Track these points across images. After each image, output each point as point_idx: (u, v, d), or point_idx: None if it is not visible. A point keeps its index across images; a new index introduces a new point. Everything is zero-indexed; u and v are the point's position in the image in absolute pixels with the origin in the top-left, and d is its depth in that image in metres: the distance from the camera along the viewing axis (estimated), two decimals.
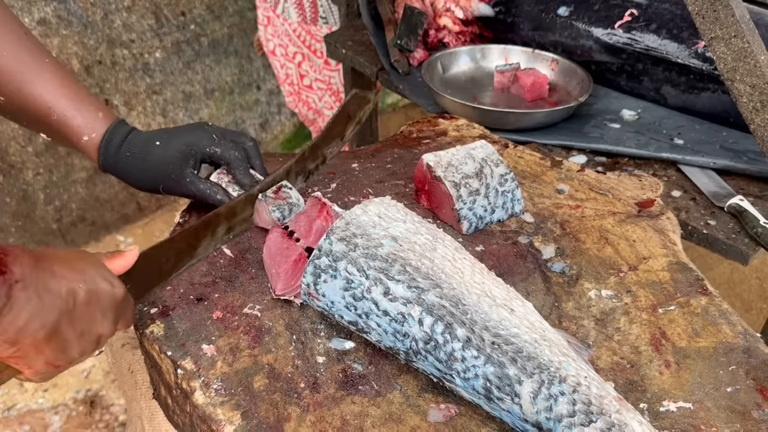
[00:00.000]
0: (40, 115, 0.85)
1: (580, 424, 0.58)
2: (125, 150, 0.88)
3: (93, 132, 0.87)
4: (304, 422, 0.65)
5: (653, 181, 1.01)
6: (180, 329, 0.75)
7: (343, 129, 0.99)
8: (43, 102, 0.84)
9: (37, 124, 0.87)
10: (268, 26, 2.11)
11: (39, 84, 0.84)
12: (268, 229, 0.87)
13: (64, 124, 0.86)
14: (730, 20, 0.97)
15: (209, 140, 0.89)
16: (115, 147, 0.87)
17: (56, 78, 0.85)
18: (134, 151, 0.87)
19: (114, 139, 0.87)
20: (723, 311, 0.77)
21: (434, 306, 0.66)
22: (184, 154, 0.87)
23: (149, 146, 0.87)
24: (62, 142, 0.89)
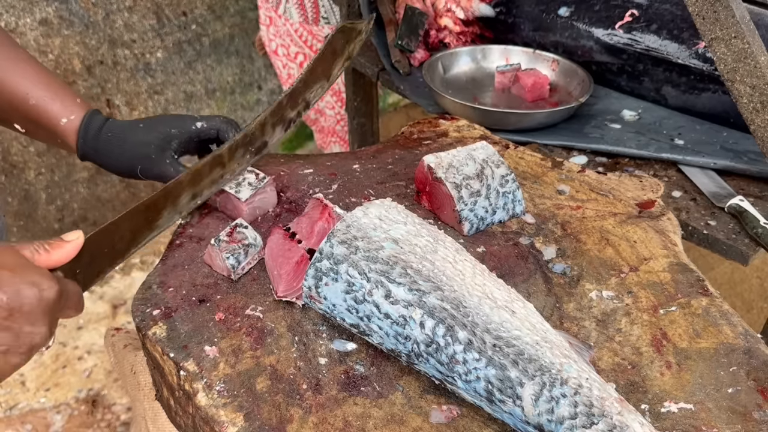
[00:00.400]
0: (17, 101, 0.85)
1: (582, 426, 0.58)
2: (106, 131, 0.87)
3: (72, 114, 0.87)
4: (306, 423, 0.65)
5: (654, 182, 1.01)
6: (182, 331, 0.75)
7: (328, 68, 0.93)
8: (21, 88, 0.84)
9: (15, 112, 0.86)
10: (270, 26, 2.12)
11: (16, 72, 0.84)
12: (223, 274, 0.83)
13: (43, 109, 0.85)
14: (731, 21, 0.97)
15: (192, 119, 0.88)
16: (95, 129, 0.87)
17: (32, 67, 0.86)
18: (115, 132, 0.87)
19: (94, 121, 0.87)
20: (724, 312, 0.78)
21: (435, 308, 0.66)
22: (166, 136, 0.86)
23: (132, 127, 0.87)
24: (39, 131, 0.89)
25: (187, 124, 0.88)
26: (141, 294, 0.80)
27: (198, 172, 0.79)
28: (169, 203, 0.76)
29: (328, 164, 1.04)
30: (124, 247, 0.73)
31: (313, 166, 1.04)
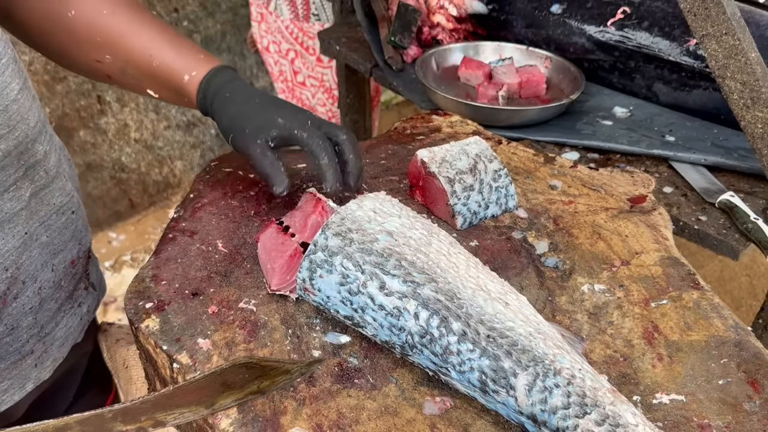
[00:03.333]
0: (143, 65, 0.87)
1: (575, 416, 0.58)
2: (225, 90, 0.87)
3: (194, 71, 0.88)
4: (300, 415, 0.66)
5: (645, 177, 1.02)
6: (175, 324, 0.75)
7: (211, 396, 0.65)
8: (144, 50, 0.87)
9: (143, 76, 0.89)
10: (262, 23, 2.11)
11: (139, 36, 0.87)
12: None
13: (166, 68, 0.87)
14: (722, 18, 0.98)
15: (300, 123, 0.83)
16: (217, 86, 0.87)
17: (154, 28, 0.88)
18: (234, 95, 0.87)
19: (217, 78, 0.87)
20: (714, 305, 0.78)
21: (430, 300, 0.66)
22: (270, 121, 0.84)
23: (250, 97, 0.86)
24: (168, 90, 0.90)
25: (292, 125, 0.83)
26: (134, 287, 0.80)
27: None
28: None
29: None
30: None
31: (306, 160, 1.04)
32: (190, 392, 0.63)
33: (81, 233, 0.94)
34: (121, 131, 2.57)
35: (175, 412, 0.63)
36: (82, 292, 0.96)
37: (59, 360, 0.92)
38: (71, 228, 0.90)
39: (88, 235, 0.98)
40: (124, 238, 2.66)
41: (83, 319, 0.95)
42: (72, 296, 0.93)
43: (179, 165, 2.81)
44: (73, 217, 0.91)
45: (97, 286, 1.01)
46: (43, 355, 0.89)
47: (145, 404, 0.60)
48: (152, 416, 0.61)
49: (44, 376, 0.90)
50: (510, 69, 1.38)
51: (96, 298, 1.01)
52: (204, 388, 0.64)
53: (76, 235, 0.92)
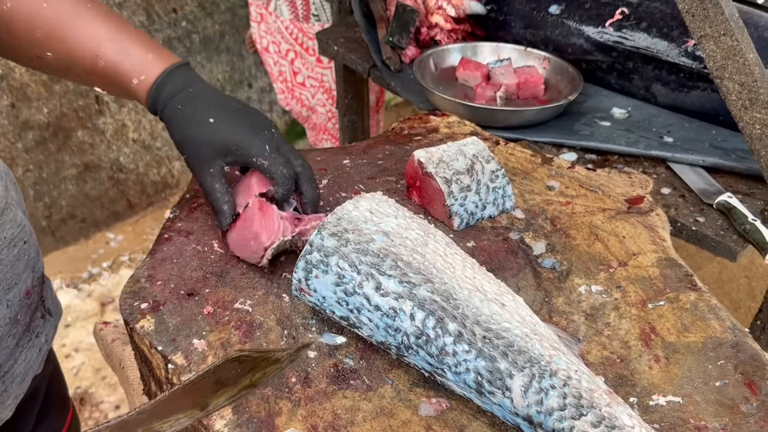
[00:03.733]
0: (87, 65, 0.81)
1: (571, 418, 0.58)
2: (177, 101, 0.81)
3: (142, 74, 0.81)
4: (295, 416, 0.65)
5: (643, 178, 1.01)
6: (171, 324, 0.75)
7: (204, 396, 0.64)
8: (89, 50, 0.80)
9: (89, 75, 0.83)
10: (261, 23, 2.11)
11: (82, 32, 0.80)
12: None
13: (113, 70, 0.81)
14: (720, 18, 0.98)
15: (259, 150, 0.81)
16: (167, 94, 0.81)
17: (99, 23, 0.81)
18: (186, 109, 0.81)
19: (167, 85, 0.81)
20: (712, 306, 0.78)
21: (426, 301, 0.66)
22: (225, 149, 0.80)
23: (203, 115, 0.81)
24: (118, 92, 0.85)
25: (252, 153, 0.80)
26: (129, 287, 0.80)
27: None
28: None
29: (318, 159, 1.04)
30: None
31: None
32: (185, 395, 0.62)
33: (33, 260, 0.87)
34: (119, 131, 2.56)
35: (170, 419, 0.61)
36: (39, 322, 0.90)
37: (20, 396, 0.86)
38: (24, 258, 0.84)
39: (40, 260, 0.91)
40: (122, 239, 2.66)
41: (42, 350, 0.90)
42: (29, 328, 0.87)
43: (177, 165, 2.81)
44: (25, 247, 0.84)
45: (53, 311, 0.96)
46: (3, 394, 0.83)
47: (142, 414, 0.59)
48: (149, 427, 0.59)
49: (6, 416, 0.83)
50: (508, 70, 1.37)
51: (53, 324, 0.95)
52: (198, 389, 0.63)
53: (30, 263, 0.86)
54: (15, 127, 2.28)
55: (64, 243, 2.59)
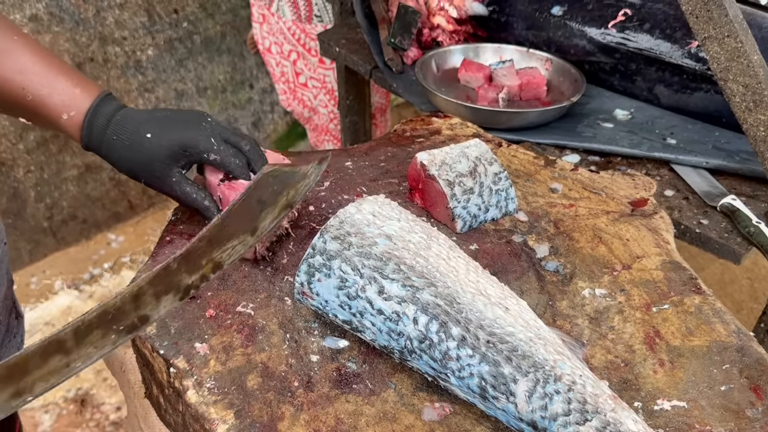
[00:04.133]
0: (15, 97, 0.80)
1: (576, 423, 0.58)
2: (111, 133, 0.80)
3: (72, 110, 0.80)
4: (297, 421, 0.65)
5: (646, 180, 1.01)
6: (172, 327, 0.74)
7: (252, 220, 0.72)
8: (16, 83, 0.79)
9: (16, 108, 0.81)
10: (263, 24, 2.11)
11: (8, 64, 0.78)
12: None
13: (42, 104, 0.80)
14: (724, 20, 0.97)
15: (206, 144, 0.81)
16: (100, 127, 0.80)
17: (27, 55, 0.79)
18: (121, 137, 0.80)
19: (98, 118, 0.80)
20: (716, 310, 0.78)
21: (429, 305, 0.66)
22: (175, 154, 0.80)
23: (139, 135, 0.80)
24: (45, 125, 0.84)
25: (200, 148, 0.81)
26: None
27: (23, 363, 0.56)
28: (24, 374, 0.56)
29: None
30: None
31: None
32: (235, 221, 0.70)
33: (7, 261, 0.87)
34: None
35: (227, 248, 0.68)
36: (14, 322, 0.92)
37: None
38: (6, 260, 0.84)
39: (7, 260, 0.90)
40: (123, 240, 2.66)
41: (19, 349, 0.92)
42: (9, 330, 0.89)
43: None
44: (5, 248, 0.85)
45: (20, 311, 0.96)
46: None
47: (201, 241, 0.67)
48: (210, 257, 0.67)
49: None
50: (510, 71, 1.37)
51: (23, 324, 0.96)
52: (244, 212, 0.71)
53: (6, 264, 0.85)
54: (16, 128, 2.27)
55: (65, 244, 2.59)
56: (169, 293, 0.65)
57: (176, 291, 0.65)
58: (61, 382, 0.58)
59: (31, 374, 0.56)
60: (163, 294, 0.64)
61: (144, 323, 0.63)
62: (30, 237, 2.46)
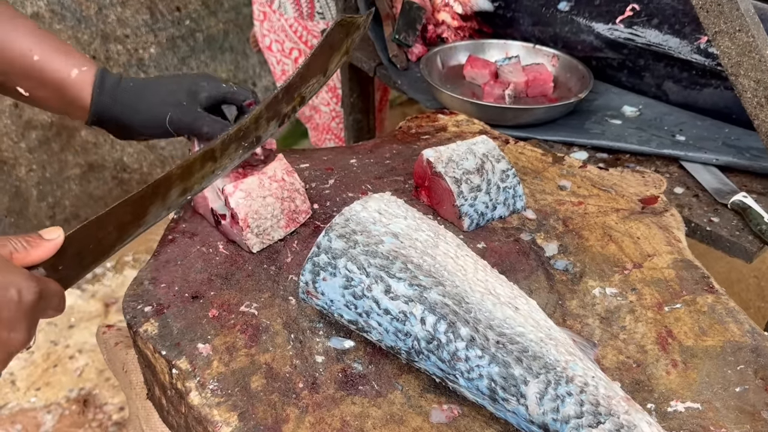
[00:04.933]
0: (19, 59, 0.80)
1: (588, 426, 0.56)
2: (127, 82, 0.82)
3: (84, 66, 0.81)
4: (302, 423, 0.63)
5: (656, 178, 0.99)
6: (175, 328, 0.73)
7: (325, 62, 0.88)
8: (23, 45, 0.79)
9: (16, 72, 0.81)
10: (264, 21, 2.09)
11: (16, 31, 0.80)
12: None
13: (48, 62, 0.80)
14: (735, 14, 0.96)
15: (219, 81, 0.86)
16: (113, 81, 0.82)
17: (32, 27, 0.81)
18: (138, 84, 0.82)
19: (109, 75, 0.82)
20: (730, 309, 0.76)
21: (437, 304, 0.64)
22: (197, 87, 0.84)
23: (156, 80, 0.84)
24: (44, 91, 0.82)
25: (217, 82, 0.86)
26: (132, 290, 0.78)
27: (189, 166, 0.73)
28: (158, 198, 0.70)
29: (324, 159, 1.02)
30: (110, 242, 0.67)
31: (309, 160, 1.02)
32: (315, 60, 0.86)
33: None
34: None
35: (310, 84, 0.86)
36: None
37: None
38: None
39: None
40: None
41: None
42: None
43: None
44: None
45: None
46: None
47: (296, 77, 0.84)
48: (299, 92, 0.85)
49: None
50: (516, 67, 1.35)
51: None
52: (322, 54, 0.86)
53: None
54: (18, 126, 2.26)
55: None
56: (274, 119, 0.83)
57: (278, 118, 0.83)
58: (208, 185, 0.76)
59: (193, 176, 0.73)
60: (271, 119, 0.82)
61: (257, 143, 0.82)
62: None
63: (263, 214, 0.83)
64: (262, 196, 0.83)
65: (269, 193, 0.84)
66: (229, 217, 0.83)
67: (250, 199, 0.82)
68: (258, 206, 0.82)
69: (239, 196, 0.81)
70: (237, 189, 0.82)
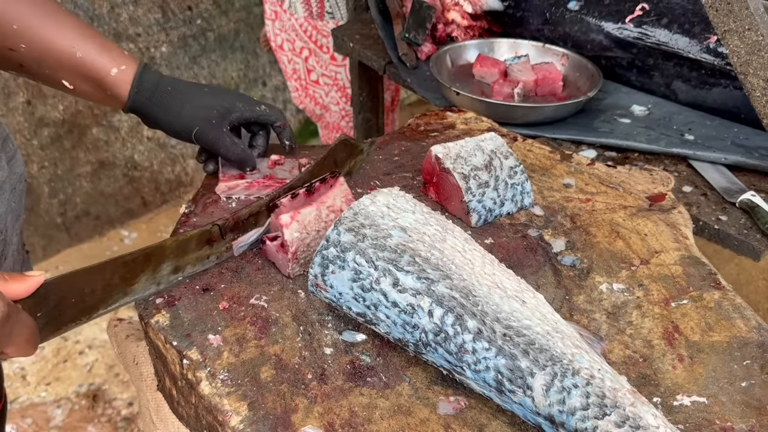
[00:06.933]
0: (63, 55, 0.83)
1: (594, 417, 0.57)
2: (165, 84, 0.86)
3: (123, 65, 0.85)
4: (311, 413, 0.64)
5: (664, 175, 0.99)
6: (186, 319, 0.74)
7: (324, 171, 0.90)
8: (66, 41, 0.83)
9: (62, 68, 0.84)
10: (276, 21, 2.10)
11: (59, 26, 0.83)
12: None
13: (90, 61, 0.83)
14: (744, 13, 0.96)
15: (255, 102, 0.91)
16: (152, 80, 0.85)
17: (75, 23, 0.84)
18: (177, 88, 0.86)
19: (149, 74, 0.86)
20: (736, 305, 0.76)
21: (444, 297, 0.65)
22: (230, 106, 0.88)
23: (197, 89, 0.87)
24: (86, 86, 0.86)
25: (252, 104, 0.90)
26: None
27: (183, 243, 0.74)
28: (149, 268, 0.71)
29: None
30: (93, 302, 0.67)
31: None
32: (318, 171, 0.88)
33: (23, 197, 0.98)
34: (133, 129, 2.57)
35: None
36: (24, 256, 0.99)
37: None
38: (24, 195, 0.94)
39: None
40: (136, 236, 2.66)
41: None
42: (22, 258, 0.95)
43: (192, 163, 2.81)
44: (25, 185, 0.95)
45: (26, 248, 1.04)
46: None
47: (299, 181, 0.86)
48: None
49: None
50: (526, 66, 1.36)
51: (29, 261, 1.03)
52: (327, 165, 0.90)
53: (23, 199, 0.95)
54: (30, 124, 2.28)
55: (79, 240, 2.60)
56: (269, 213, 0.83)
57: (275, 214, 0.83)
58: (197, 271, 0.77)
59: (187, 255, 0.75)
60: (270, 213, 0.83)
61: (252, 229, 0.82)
62: (43, 233, 2.47)
63: (313, 247, 0.80)
64: (316, 230, 0.80)
65: (324, 226, 0.81)
66: (278, 244, 0.80)
67: (305, 233, 0.79)
68: (310, 240, 0.80)
69: (294, 228, 0.79)
70: (294, 220, 0.79)
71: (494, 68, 1.37)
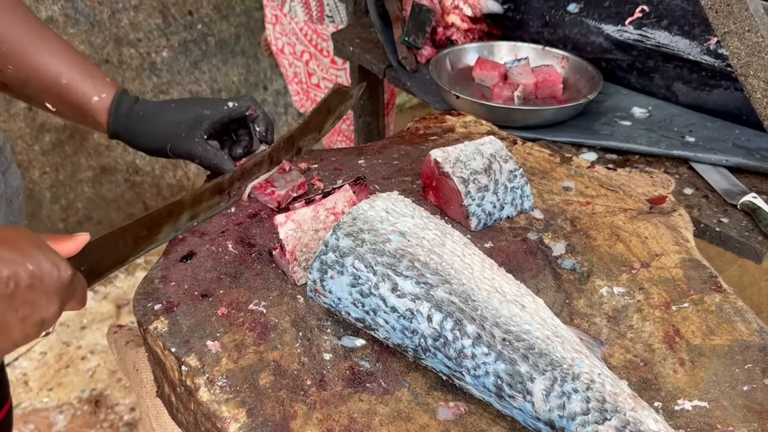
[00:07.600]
0: (49, 80, 0.86)
1: (594, 422, 0.56)
2: (137, 111, 0.89)
3: (103, 93, 0.88)
4: (310, 420, 0.64)
5: (665, 178, 0.99)
6: (184, 325, 0.74)
7: (321, 122, 0.99)
8: (53, 67, 0.86)
9: (47, 92, 0.88)
10: (276, 25, 2.11)
11: (47, 52, 0.86)
12: None
13: (74, 89, 0.87)
14: (744, 14, 0.95)
15: (223, 102, 0.91)
16: (126, 108, 0.89)
17: (63, 48, 0.88)
18: (147, 112, 0.89)
19: (125, 101, 0.89)
20: (738, 309, 0.76)
21: (443, 302, 0.65)
22: (197, 116, 0.89)
23: (163, 108, 0.90)
24: (69, 110, 0.90)
25: (219, 106, 0.91)
26: (142, 288, 0.79)
27: (198, 196, 0.83)
28: (171, 220, 0.79)
29: (333, 159, 1.03)
30: (126, 252, 0.74)
31: (318, 161, 1.02)
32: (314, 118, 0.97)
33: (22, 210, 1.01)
34: None
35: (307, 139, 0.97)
36: None
37: None
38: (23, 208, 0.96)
39: None
40: None
41: None
42: None
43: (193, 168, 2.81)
44: (22, 197, 0.98)
45: None
46: None
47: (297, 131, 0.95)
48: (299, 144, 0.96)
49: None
50: (525, 69, 1.36)
51: None
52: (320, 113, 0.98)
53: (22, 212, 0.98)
54: (32, 129, 2.29)
55: None
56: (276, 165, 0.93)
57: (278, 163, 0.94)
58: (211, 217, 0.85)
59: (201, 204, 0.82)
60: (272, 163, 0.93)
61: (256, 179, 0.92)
62: None
63: (314, 248, 0.80)
64: (314, 229, 0.80)
65: (323, 227, 0.81)
66: (279, 247, 0.81)
67: (300, 232, 0.79)
68: (308, 239, 0.80)
69: (289, 227, 0.79)
70: (288, 219, 0.80)
71: (494, 71, 1.37)
